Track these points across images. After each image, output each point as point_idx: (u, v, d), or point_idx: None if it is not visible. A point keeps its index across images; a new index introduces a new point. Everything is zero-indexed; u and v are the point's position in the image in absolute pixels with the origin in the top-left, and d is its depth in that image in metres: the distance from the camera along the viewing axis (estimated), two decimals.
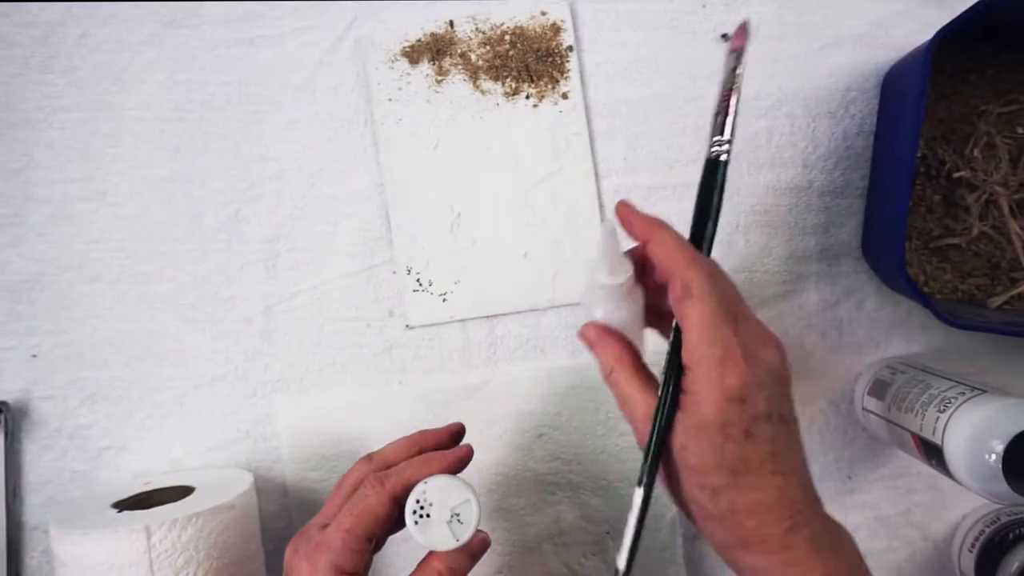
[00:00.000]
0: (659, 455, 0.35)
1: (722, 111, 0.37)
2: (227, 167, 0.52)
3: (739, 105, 0.37)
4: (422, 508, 0.37)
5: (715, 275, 0.35)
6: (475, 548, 0.38)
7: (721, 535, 0.35)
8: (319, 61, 0.52)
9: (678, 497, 0.36)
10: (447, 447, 0.42)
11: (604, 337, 0.38)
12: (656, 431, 0.35)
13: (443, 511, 0.37)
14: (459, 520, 0.37)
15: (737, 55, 0.37)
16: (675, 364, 0.35)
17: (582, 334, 0.39)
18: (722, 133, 0.37)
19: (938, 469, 0.44)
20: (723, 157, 0.37)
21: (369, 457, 0.41)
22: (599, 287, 0.37)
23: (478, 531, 0.38)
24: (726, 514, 0.34)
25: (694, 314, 0.34)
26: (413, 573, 0.38)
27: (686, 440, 0.34)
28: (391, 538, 0.40)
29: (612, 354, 0.38)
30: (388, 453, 0.41)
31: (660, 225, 0.37)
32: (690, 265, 0.35)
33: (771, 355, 0.34)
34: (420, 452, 0.41)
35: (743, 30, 0.38)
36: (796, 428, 0.35)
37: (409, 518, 0.37)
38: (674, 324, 0.36)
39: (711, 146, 0.37)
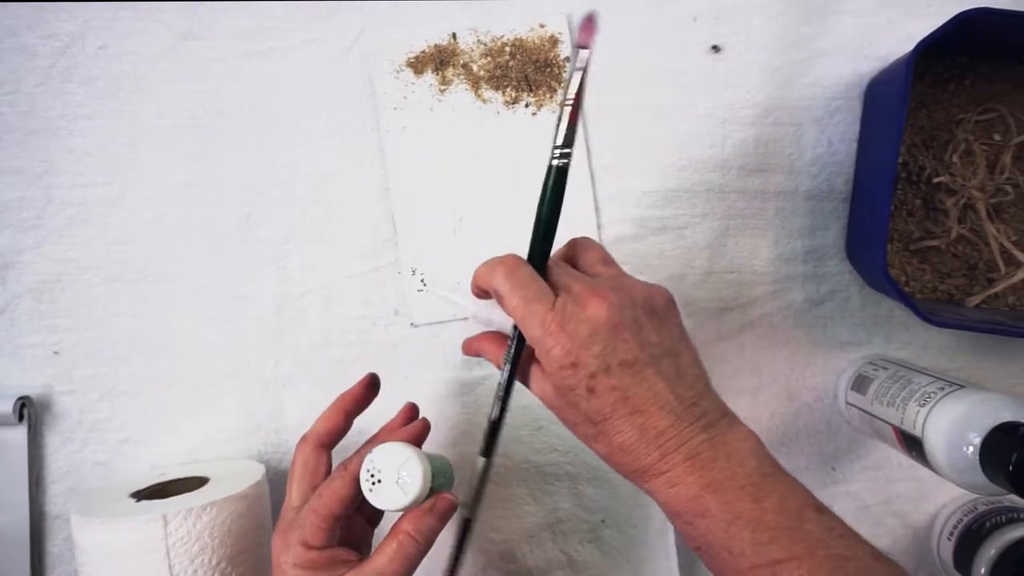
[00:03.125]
0: (496, 433, 0.40)
1: (563, 118, 0.37)
2: (240, 172, 0.52)
3: (582, 108, 0.38)
4: (372, 476, 0.38)
5: (511, 270, 0.37)
6: (440, 509, 0.39)
7: (617, 471, 0.37)
8: (328, 72, 0.52)
9: None
10: (367, 399, 0.45)
11: (482, 341, 0.41)
12: (499, 407, 0.39)
13: (391, 474, 0.38)
14: (406, 478, 0.38)
15: (581, 52, 0.37)
16: (516, 344, 0.38)
17: (465, 349, 0.42)
18: (561, 141, 0.37)
19: (918, 461, 0.44)
20: (555, 163, 0.37)
21: (304, 437, 0.43)
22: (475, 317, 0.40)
23: (446, 494, 0.40)
24: (607, 455, 0.37)
25: (509, 308, 0.36)
26: (385, 538, 0.39)
27: (555, 401, 0.37)
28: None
29: (494, 350, 0.40)
30: (318, 426, 0.43)
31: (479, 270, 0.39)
32: (489, 274, 0.37)
33: (593, 311, 0.35)
34: (345, 414, 0.43)
35: (590, 24, 0.37)
36: (652, 365, 0.35)
37: (364, 486, 0.38)
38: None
39: (551, 154, 0.37)
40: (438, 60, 0.52)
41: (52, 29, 0.51)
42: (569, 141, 0.37)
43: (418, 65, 0.52)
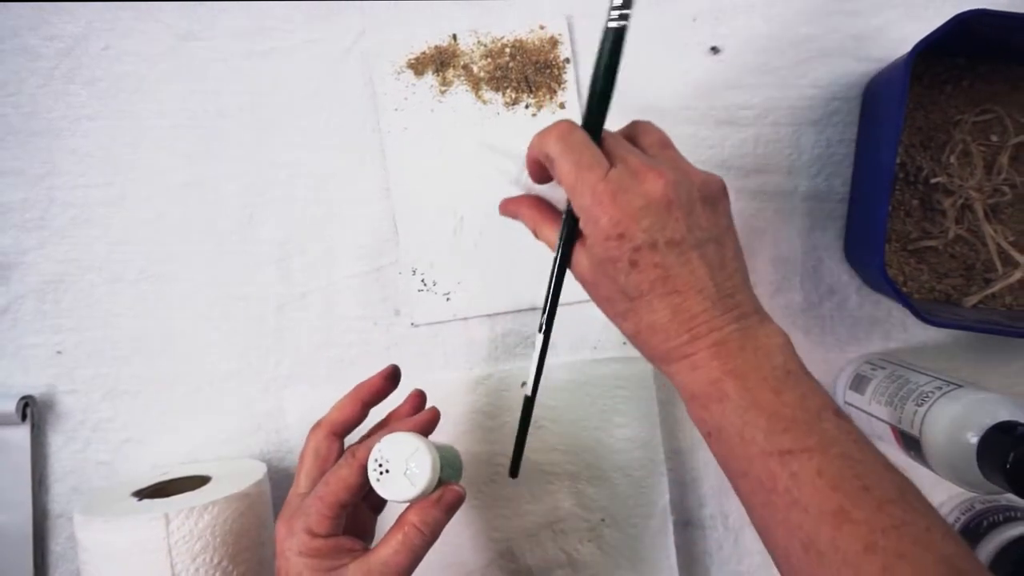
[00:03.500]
0: (556, 303, 0.40)
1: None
2: (241, 173, 0.52)
3: None
4: (380, 465, 0.37)
5: (565, 134, 0.37)
6: (447, 501, 0.39)
7: (641, 351, 0.38)
8: (328, 72, 0.52)
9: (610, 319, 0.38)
10: (385, 390, 0.44)
11: (520, 203, 0.41)
12: (553, 282, 0.39)
13: (399, 464, 0.37)
14: (414, 468, 0.37)
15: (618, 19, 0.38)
16: (568, 219, 0.38)
17: (502, 209, 0.42)
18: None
19: (916, 460, 0.44)
20: (611, 24, 0.37)
21: (318, 424, 0.42)
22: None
23: (453, 485, 0.39)
24: (634, 334, 0.37)
25: (560, 174, 0.36)
26: (390, 529, 0.38)
27: (592, 276, 0.37)
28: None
29: (532, 215, 0.41)
30: (334, 414, 0.42)
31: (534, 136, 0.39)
32: (541, 139, 0.37)
33: (650, 185, 0.35)
34: (362, 404, 0.43)
35: None
36: (697, 248, 0.35)
37: (371, 475, 0.37)
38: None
39: (607, 15, 0.37)
40: (438, 61, 0.52)
41: (55, 30, 0.51)
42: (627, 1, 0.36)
43: (418, 66, 0.52)
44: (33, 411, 0.51)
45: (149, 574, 0.42)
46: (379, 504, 0.45)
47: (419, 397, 0.45)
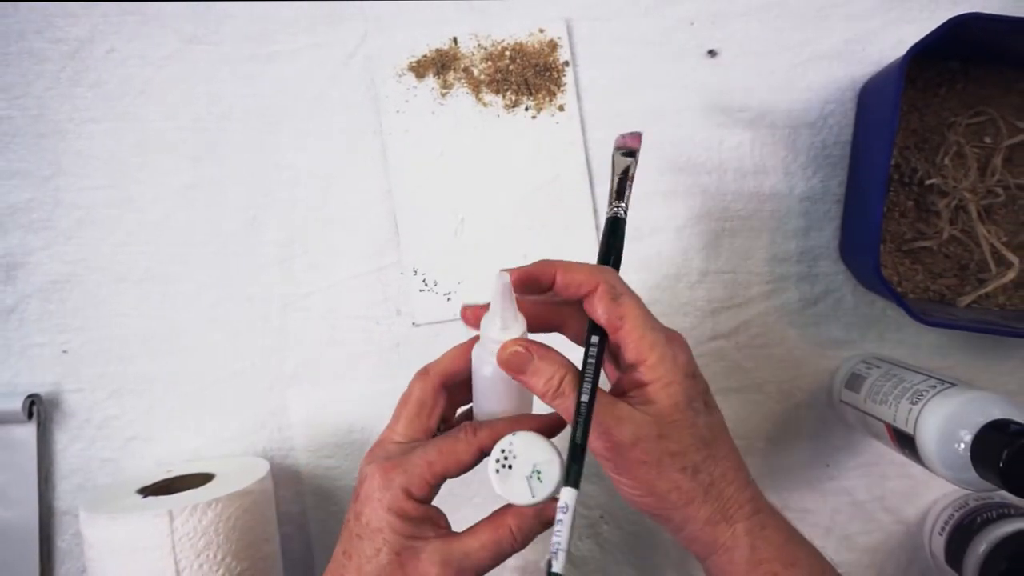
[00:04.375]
0: (583, 452, 0.32)
1: (623, 184, 0.39)
2: (245, 175, 0.52)
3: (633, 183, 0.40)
4: (506, 459, 0.34)
5: (611, 273, 0.36)
6: (549, 517, 0.36)
7: (705, 512, 0.34)
8: (331, 76, 0.52)
9: (645, 498, 0.34)
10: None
11: (541, 353, 0.34)
12: (582, 429, 0.32)
13: (525, 466, 0.34)
14: (539, 478, 0.34)
15: (632, 154, 0.41)
16: (599, 360, 0.33)
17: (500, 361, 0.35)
18: (621, 199, 0.38)
19: (911, 457, 0.44)
20: (620, 215, 0.38)
21: (426, 371, 0.39)
22: (492, 342, 0.34)
23: (557, 499, 0.35)
24: (708, 487, 0.33)
25: (631, 309, 0.34)
26: (485, 520, 0.36)
27: (659, 428, 0.33)
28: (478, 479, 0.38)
29: (555, 369, 0.34)
30: (446, 363, 0.38)
31: (552, 261, 0.35)
32: (604, 270, 0.35)
33: (682, 341, 0.36)
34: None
35: (637, 139, 0.41)
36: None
37: (491, 465, 0.34)
38: (589, 325, 0.34)
39: (611, 207, 0.38)
40: (439, 64, 0.52)
41: (61, 34, 0.51)
42: (621, 193, 0.38)
43: (420, 69, 0.52)
44: (39, 409, 0.51)
45: (153, 570, 0.42)
46: (465, 400, 0.40)
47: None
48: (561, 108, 0.52)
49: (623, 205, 0.38)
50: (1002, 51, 0.49)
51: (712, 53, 0.52)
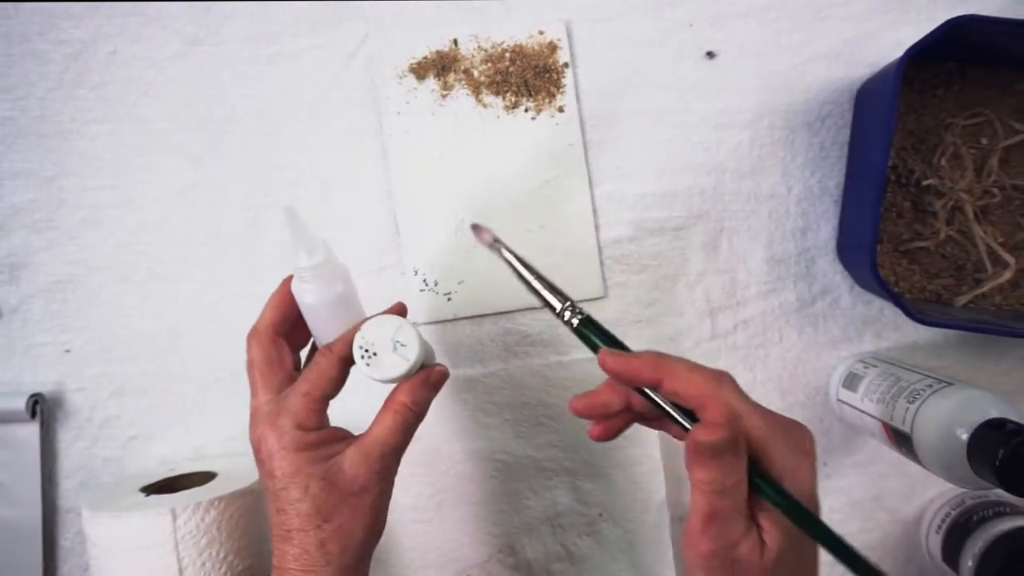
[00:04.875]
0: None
1: (539, 288, 0.36)
2: (246, 175, 0.52)
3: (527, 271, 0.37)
4: (366, 350, 0.37)
5: (728, 381, 0.33)
6: (434, 380, 0.39)
7: None
8: (332, 77, 0.52)
9: None
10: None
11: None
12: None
13: (386, 344, 0.37)
14: (401, 344, 0.37)
15: (496, 243, 0.38)
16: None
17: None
18: (561, 301, 0.36)
19: (908, 456, 0.44)
20: (575, 321, 0.35)
21: (256, 330, 0.39)
22: (304, 271, 0.36)
23: (437, 364, 0.39)
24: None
25: (752, 430, 0.31)
26: (382, 408, 0.38)
27: (779, 561, 0.31)
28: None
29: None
30: (269, 315, 0.39)
31: (662, 358, 0.33)
32: (719, 387, 0.32)
33: (807, 442, 0.33)
34: (292, 298, 0.39)
35: (479, 231, 0.38)
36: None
37: (359, 363, 0.37)
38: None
39: (563, 317, 0.36)
40: (440, 66, 0.52)
41: (64, 35, 0.51)
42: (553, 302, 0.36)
43: (420, 71, 0.52)
44: (42, 408, 0.51)
45: (156, 568, 0.42)
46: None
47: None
48: (561, 109, 0.52)
49: (570, 304, 0.36)
50: (999, 53, 0.49)
51: (711, 54, 0.53)
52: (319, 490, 0.36)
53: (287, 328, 0.40)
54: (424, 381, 0.38)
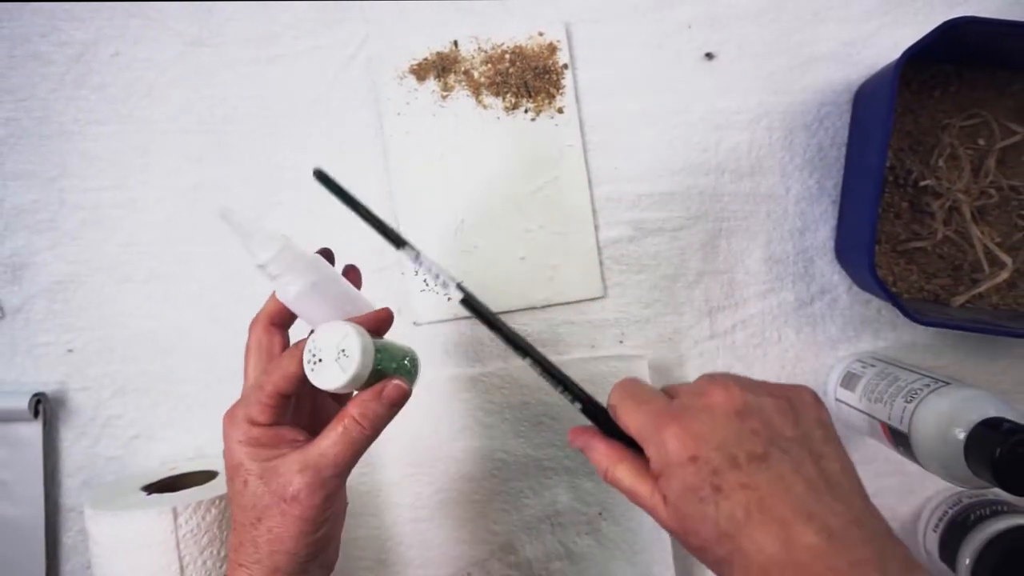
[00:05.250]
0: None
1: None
2: (248, 176, 0.52)
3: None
4: (313, 355, 0.35)
5: (624, 383, 0.35)
6: (388, 395, 0.36)
7: None
8: (333, 78, 0.52)
9: None
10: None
11: (592, 439, 0.35)
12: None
13: (331, 352, 0.35)
14: (344, 354, 0.35)
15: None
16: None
17: (572, 438, 0.36)
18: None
19: (905, 455, 0.44)
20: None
21: (256, 318, 0.39)
22: (266, 267, 0.36)
23: (396, 380, 0.37)
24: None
25: (621, 416, 0.33)
26: (333, 419, 0.36)
27: (679, 521, 0.30)
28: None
29: (604, 455, 0.34)
30: (268, 306, 0.39)
31: (618, 400, 0.35)
32: (611, 394, 0.35)
33: (713, 399, 0.31)
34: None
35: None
36: (789, 463, 0.29)
37: (306, 367, 0.35)
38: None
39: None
40: (440, 67, 0.52)
41: (66, 37, 0.51)
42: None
43: (420, 72, 0.52)
44: (45, 408, 0.51)
45: (158, 566, 0.42)
46: (344, 399, 0.42)
47: (353, 271, 0.43)
48: (560, 110, 0.52)
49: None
50: (995, 54, 0.49)
51: (709, 56, 0.53)
52: (255, 487, 0.35)
53: (284, 320, 0.40)
54: (375, 395, 0.36)
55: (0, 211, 0.52)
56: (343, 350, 0.35)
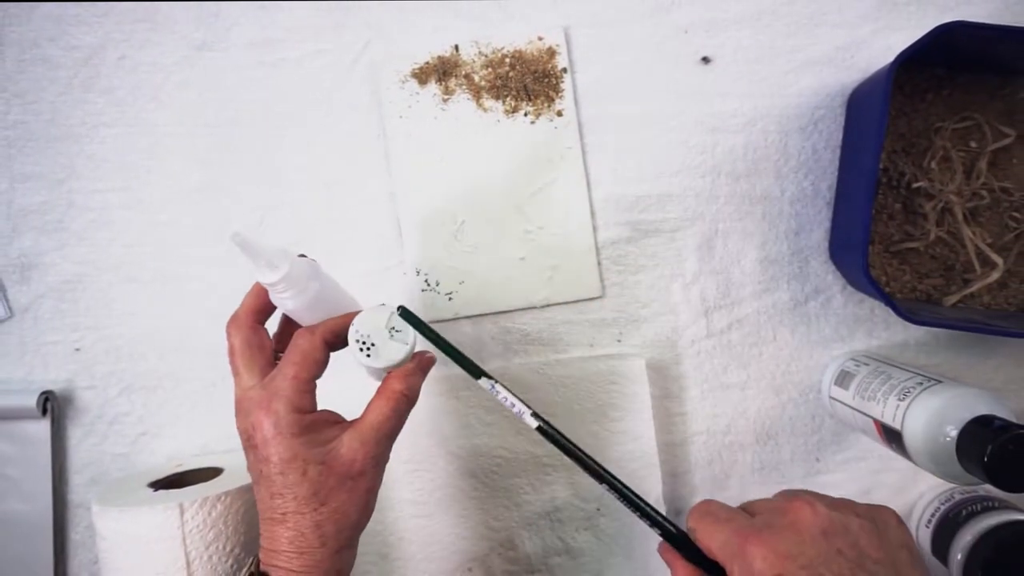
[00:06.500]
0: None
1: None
2: (252, 178, 0.52)
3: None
4: (363, 341, 0.37)
5: (701, 505, 0.35)
6: (425, 365, 0.40)
7: None
8: (336, 82, 0.52)
9: None
10: None
11: (675, 560, 0.35)
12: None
13: (381, 333, 0.37)
14: (396, 330, 0.38)
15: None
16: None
17: (661, 554, 0.37)
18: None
19: (898, 452, 0.44)
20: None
21: (236, 317, 0.40)
22: (273, 285, 0.37)
23: (424, 351, 0.40)
24: None
25: (703, 538, 0.33)
26: (376, 394, 0.38)
27: None
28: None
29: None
30: (249, 303, 0.40)
31: (699, 519, 0.35)
32: (690, 515, 0.35)
33: (799, 515, 0.31)
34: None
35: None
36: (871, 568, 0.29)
37: (359, 356, 0.37)
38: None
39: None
40: (441, 71, 0.52)
41: (74, 41, 0.51)
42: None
43: (422, 75, 0.52)
44: (53, 406, 0.51)
45: (164, 562, 0.42)
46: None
47: None
48: (559, 113, 0.52)
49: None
50: (987, 58, 0.49)
51: (706, 60, 0.53)
52: (317, 474, 0.36)
53: (265, 317, 0.40)
54: (418, 367, 0.39)
55: (9, 212, 0.52)
56: (393, 327, 0.38)
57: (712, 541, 0.32)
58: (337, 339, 0.38)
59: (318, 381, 0.39)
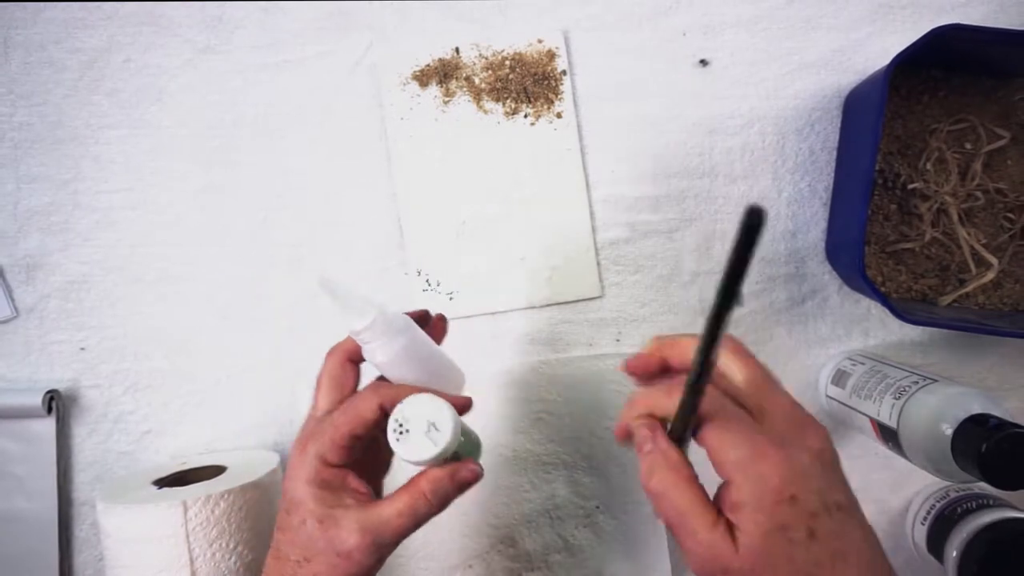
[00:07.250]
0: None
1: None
2: (255, 179, 0.52)
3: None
4: (400, 425, 0.34)
5: (716, 398, 0.31)
6: (462, 476, 0.36)
7: None
8: (338, 84, 0.52)
9: None
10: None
11: (658, 435, 0.31)
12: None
13: (420, 424, 0.34)
14: (435, 428, 0.34)
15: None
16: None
17: (628, 428, 0.32)
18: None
19: (894, 450, 0.44)
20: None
21: (334, 349, 0.38)
22: (359, 333, 0.35)
23: (471, 463, 0.36)
24: None
25: (709, 434, 0.30)
26: (402, 487, 0.35)
27: (753, 559, 0.28)
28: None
29: (667, 465, 0.30)
30: (348, 342, 0.38)
31: (664, 339, 0.33)
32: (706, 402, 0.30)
33: (814, 442, 0.30)
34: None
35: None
36: (858, 513, 0.29)
37: (390, 436, 0.34)
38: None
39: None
40: (442, 73, 0.52)
41: (79, 44, 0.51)
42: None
43: (423, 78, 0.52)
44: (58, 404, 0.51)
45: (168, 558, 0.42)
46: (383, 464, 0.41)
47: (441, 320, 0.41)
48: (559, 115, 0.52)
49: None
50: (982, 60, 0.49)
51: (703, 63, 0.53)
52: (311, 530, 0.34)
53: (359, 359, 0.39)
54: (451, 474, 0.35)
55: (15, 213, 0.52)
56: (434, 423, 0.34)
57: (727, 442, 0.29)
58: None
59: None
